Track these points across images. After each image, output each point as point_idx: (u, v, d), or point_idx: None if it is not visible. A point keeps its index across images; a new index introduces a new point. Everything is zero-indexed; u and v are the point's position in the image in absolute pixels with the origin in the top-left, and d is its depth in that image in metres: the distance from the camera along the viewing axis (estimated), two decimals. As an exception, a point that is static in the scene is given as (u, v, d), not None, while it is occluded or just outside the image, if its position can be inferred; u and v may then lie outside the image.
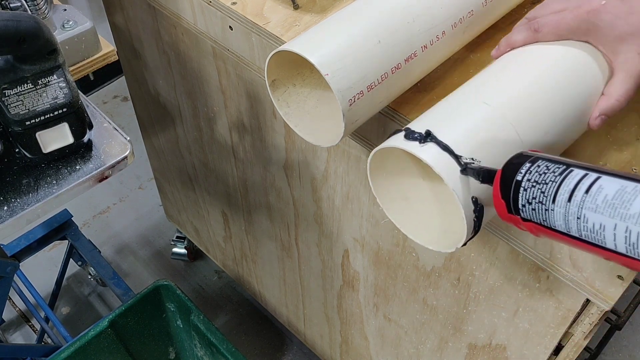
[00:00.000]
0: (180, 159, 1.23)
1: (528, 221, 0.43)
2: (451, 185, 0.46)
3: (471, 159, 0.47)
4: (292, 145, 0.86)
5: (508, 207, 0.44)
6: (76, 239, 1.38)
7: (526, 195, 0.42)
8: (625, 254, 0.37)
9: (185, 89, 1.02)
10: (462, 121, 0.50)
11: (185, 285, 1.54)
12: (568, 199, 0.40)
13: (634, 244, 0.37)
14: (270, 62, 0.58)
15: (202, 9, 0.78)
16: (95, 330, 1.11)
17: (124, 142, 0.71)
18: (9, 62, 0.62)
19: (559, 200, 0.40)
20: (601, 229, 0.38)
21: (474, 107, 0.51)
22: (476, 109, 0.51)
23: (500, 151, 0.49)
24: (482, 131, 0.50)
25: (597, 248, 0.39)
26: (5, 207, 0.65)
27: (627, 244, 0.37)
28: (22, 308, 1.51)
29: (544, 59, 0.55)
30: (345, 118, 0.54)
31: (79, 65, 0.82)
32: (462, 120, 0.51)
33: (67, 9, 0.82)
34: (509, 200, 0.44)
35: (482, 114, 0.51)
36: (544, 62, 0.55)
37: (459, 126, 0.50)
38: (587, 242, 0.40)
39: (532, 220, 0.43)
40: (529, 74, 0.54)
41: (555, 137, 0.53)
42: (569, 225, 0.40)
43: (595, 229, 0.39)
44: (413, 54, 0.58)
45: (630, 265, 0.38)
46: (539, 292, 0.64)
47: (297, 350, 1.42)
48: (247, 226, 1.17)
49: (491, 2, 0.63)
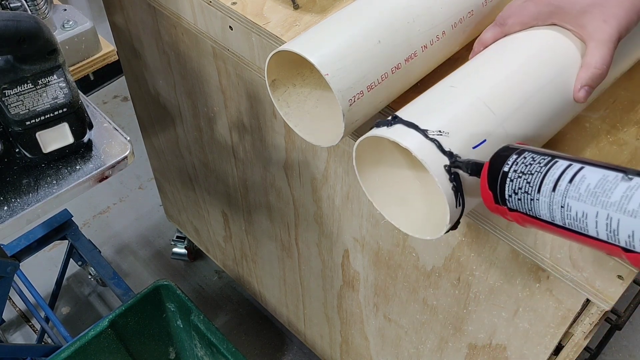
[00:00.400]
0: (180, 159, 1.23)
1: (514, 211, 0.44)
2: (415, 151, 0.47)
3: (438, 131, 0.49)
4: (292, 145, 0.86)
5: (495, 198, 0.45)
6: (76, 239, 1.38)
7: (512, 185, 0.44)
8: (607, 240, 0.39)
9: (185, 89, 1.02)
10: (430, 104, 0.52)
11: (185, 285, 1.54)
12: (552, 189, 0.41)
13: (615, 230, 0.38)
14: (270, 62, 0.58)
15: (202, 9, 0.78)
16: (96, 330, 1.11)
17: (124, 142, 0.71)
18: (9, 62, 0.62)
19: (543, 190, 0.41)
20: (584, 217, 0.39)
21: (449, 95, 0.53)
22: (452, 97, 0.52)
23: (471, 124, 0.50)
24: (453, 110, 0.51)
25: (580, 236, 0.40)
26: (6, 207, 0.65)
27: (608, 230, 0.38)
28: (22, 308, 1.51)
29: (519, 47, 0.56)
30: (346, 118, 0.54)
31: (79, 65, 0.82)
32: (430, 104, 0.52)
33: (67, 9, 0.82)
34: (496, 191, 0.45)
35: (460, 101, 0.51)
36: (519, 50, 0.56)
37: (421, 104, 0.52)
38: (570, 230, 0.41)
39: (518, 210, 0.44)
40: (507, 63, 0.55)
41: (544, 122, 0.53)
42: (553, 214, 0.41)
43: (578, 217, 0.40)
44: (413, 54, 0.58)
45: (612, 252, 0.39)
46: (539, 292, 0.64)
47: (297, 350, 1.42)
48: (247, 226, 1.17)
49: (491, 2, 0.63)
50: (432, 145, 0.48)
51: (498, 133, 0.50)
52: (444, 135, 0.48)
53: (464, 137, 0.49)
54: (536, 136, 0.54)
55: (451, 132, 0.49)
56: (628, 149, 0.59)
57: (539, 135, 0.54)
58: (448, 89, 0.53)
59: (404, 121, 0.50)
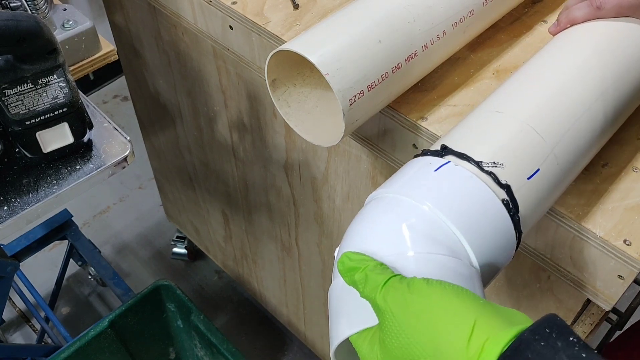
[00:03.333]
0: (181, 159, 1.23)
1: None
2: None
3: (493, 162, 0.46)
4: (292, 145, 0.86)
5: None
6: (76, 238, 1.37)
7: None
8: None
9: (186, 89, 1.01)
10: (478, 132, 0.49)
11: (185, 285, 1.54)
12: None
13: None
14: (271, 62, 0.58)
15: (202, 8, 0.78)
16: (95, 330, 1.11)
17: (124, 142, 0.71)
18: (9, 61, 0.62)
19: None
20: None
21: (495, 120, 0.50)
22: (499, 123, 0.50)
23: (522, 153, 0.47)
24: (503, 139, 0.48)
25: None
26: (5, 207, 0.65)
27: None
28: (22, 308, 1.51)
29: (614, 47, 0.55)
30: (346, 118, 0.54)
31: (79, 64, 0.82)
32: (478, 131, 0.49)
33: (67, 8, 0.82)
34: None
35: (509, 128, 0.49)
36: (615, 51, 0.55)
37: (467, 132, 0.49)
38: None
39: None
40: (550, 78, 0.53)
41: (593, 142, 0.52)
42: None
43: None
44: (413, 54, 0.58)
45: None
46: (539, 292, 0.64)
47: (297, 351, 1.42)
48: (248, 226, 1.16)
49: (492, 2, 0.63)
50: (489, 178, 0.45)
51: (550, 161, 0.48)
52: (499, 167, 0.46)
53: (519, 167, 0.46)
54: (583, 158, 0.52)
55: (505, 163, 0.46)
56: (628, 149, 0.59)
57: (585, 156, 0.52)
58: (494, 114, 0.50)
59: (455, 152, 0.47)
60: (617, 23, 0.56)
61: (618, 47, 0.55)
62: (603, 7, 0.57)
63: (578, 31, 0.58)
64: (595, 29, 0.57)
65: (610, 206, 0.55)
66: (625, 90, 0.54)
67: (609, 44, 0.55)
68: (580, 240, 0.55)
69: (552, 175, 0.48)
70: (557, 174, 0.48)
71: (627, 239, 0.52)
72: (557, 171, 0.48)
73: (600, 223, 0.54)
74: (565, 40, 0.57)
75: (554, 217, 0.55)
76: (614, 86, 0.53)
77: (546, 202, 0.49)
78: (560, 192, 0.51)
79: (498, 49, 0.69)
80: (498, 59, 0.68)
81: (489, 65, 0.67)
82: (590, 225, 0.53)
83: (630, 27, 0.56)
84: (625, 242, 0.52)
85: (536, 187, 0.47)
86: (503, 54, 0.68)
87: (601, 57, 0.54)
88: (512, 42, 0.70)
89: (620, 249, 0.52)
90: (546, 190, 0.48)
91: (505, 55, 0.68)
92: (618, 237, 0.52)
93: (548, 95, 0.51)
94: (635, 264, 0.51)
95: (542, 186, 0.47)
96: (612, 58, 0.54)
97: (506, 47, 0.69)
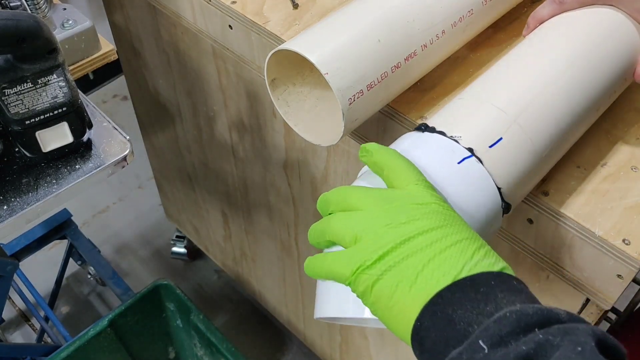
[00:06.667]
0: (180, 158, 1.23)
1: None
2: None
3: (451, 136, 0.49)
4: (291, 144, 0.86)
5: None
6: (76, 238, 1.38)
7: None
8: None
9: (185, 88, 1.02)
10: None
11: (185, 285, 1.54)
12: None
13: None
14: (270, 61, 0.58)
15: (201, 8, 0.78)
16: (95, 329, 1.11)
17: (124, 141, 0.71)
18: (8, 61, 0.62)
19: None
20: None
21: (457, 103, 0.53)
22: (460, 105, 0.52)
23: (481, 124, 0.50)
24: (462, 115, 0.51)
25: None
26: (5, 207, 0.65)
27: None
28: (22, 307, 1.51)
29: (578, 29, 0.57)
30: (345, 117, 0.54)
31: (79, 64, 0.82)
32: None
33: (66, 8, 0.82)
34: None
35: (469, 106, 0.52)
36: (578, 32, 0.57)
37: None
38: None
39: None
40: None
41: (564, 116, 0.53)
42: None
43: None
44: (413, 53, 0.58)
45: None
46: (538, 291, 0.64)
47: (297, 350, 1.42)
48: (247, 226, 1.17)
49: (491, 1, 0.63)
50: (454, 142, 0.48)
51: (514, 130, 0.50)
52: (457, 138, 0.49)
53: (479, 137, 0.49)
54: (562, 132, 0.53)
55: (463, 135, 0.49)
56: (628, 149, 0.59)
57: (565, 131, 0.53)
58: (457, 101, 0.54)
59: (430, 128, 0.50)
60: (580, 11, 0.59)
61: (583, 28, 0.57)
62: (565, 1, 0.58)
63: (545, 25, 0.60)
64: (560, 20, 0.59)
65: (609, 205, 0.55)
66: (597, 62, 0.55)
67: (575, 27, 0.57)
68: (579, 240, 0.55)
69: (520, 143, 0.50)
70: (525, 142, 0.50)
71: (626, 239, 0.52)
72: (525, 139, 0.50)
73: (599, 222, 0.54)
74: (533, 34, 0.60)
75: (553, 217, 0.55)
76: (583, 57, 0.55)
77: (522, 167, 0.50)
78: (540, 158, 0.52)
79: (497, 49, 0.69)
80: (497, 59, 0.68)
81: (489, 65, 0.67)
82: (589, 225, 0.54)
83: (594, 12, 0.58)
84: (624, 242, 0.52)
85: (503, 154, 0.49)
86: (502, 54, 0.68)
87: (568, 39, 0.56)
88: (512, 41, 0.70)
89: (619, 248, 0.52)
90: (517, 156, 0.50)
91: (504, 55, 0.68)
92: (617, 237, 0.52)
93: (511, 74, 0.54)
94: (634, 263, 0.52)
95: (510, 153, 0.49)
96: (580, 37, 0.56)
97: (505, 46, 0.69)
